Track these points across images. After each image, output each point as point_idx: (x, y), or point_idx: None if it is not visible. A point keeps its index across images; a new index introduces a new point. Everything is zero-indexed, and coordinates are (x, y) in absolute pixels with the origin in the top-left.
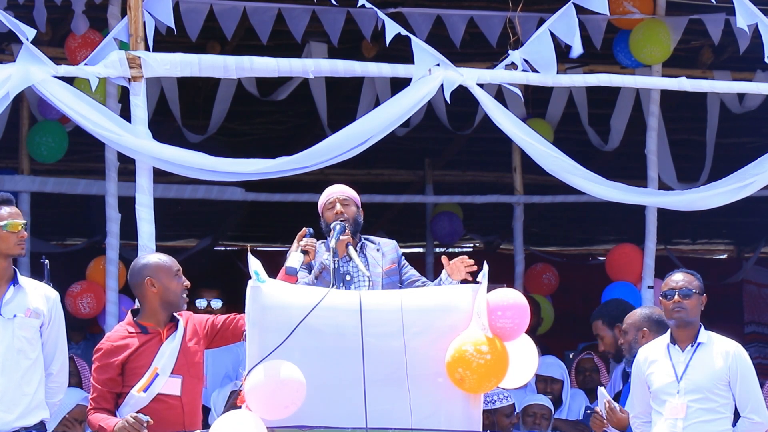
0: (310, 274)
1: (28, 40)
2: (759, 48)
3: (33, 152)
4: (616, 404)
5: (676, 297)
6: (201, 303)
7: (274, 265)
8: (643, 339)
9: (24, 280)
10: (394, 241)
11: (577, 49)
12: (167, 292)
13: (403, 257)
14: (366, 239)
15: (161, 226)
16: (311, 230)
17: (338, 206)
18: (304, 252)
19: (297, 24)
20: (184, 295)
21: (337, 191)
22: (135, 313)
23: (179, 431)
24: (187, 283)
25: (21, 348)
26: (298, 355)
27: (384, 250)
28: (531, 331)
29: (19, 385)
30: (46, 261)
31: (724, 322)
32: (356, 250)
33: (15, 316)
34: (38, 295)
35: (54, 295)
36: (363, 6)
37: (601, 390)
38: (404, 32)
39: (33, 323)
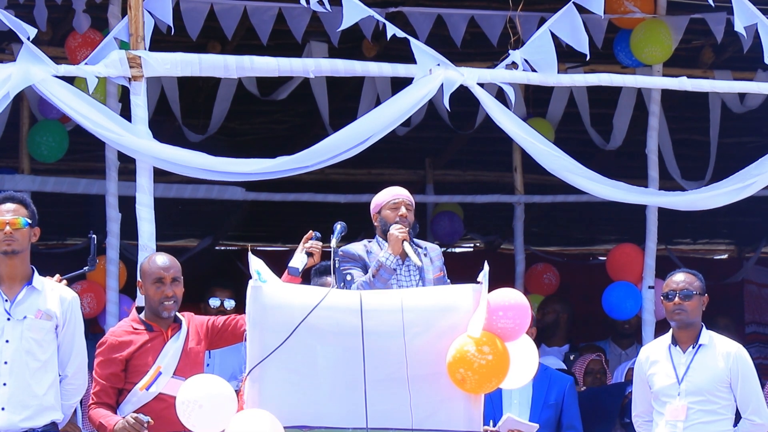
0: (365, 273)
1: (28, 39)
2: (760, 47)
3: (33, 152)
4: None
5: (677, 299)
6: (214, 302)
7: (274, 266)
8: None
9: (40, 281)
10: (438, 247)
11: (583, 50)
12: (146, 297)
13: (443, 263)
14: (413, 242)
15: (162, 226)
16: (318, 234)
17: (403, 209)
18: (309, 254)
19: (297, 23)
20: (166, 303)
21: (404, 194)
22: (140, 310)
23: (179, 431)
24: (171, 292)
25: (30, 349)
26: (298, 355)
27: (431, 256)
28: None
29: (28, 386)
30: (94, 236)
31: (730, 323)
32: (416, 254)
33: (25, 317)
34: (53, 297)
35: (71, 296)
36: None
37: (510, 416)
38: (402, 34)
39: (44, 325)
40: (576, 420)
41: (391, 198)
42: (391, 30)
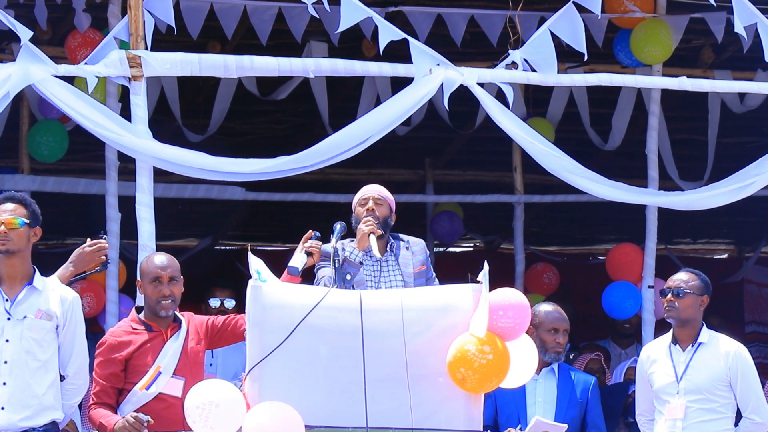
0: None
1: (27, 39)
2: (760, 47)
3: (33, 151)
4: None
5: (669, 296)
6: (214, 302)
7: (274, 266)
8: None
9: (42, 281)
10: (423, 242)
11: (581, 50)
12: (145, 296)
13: (429, 258)
14: (394, 236)
15: (161, 226)
16: (317, 233)
17: (371, 203)
18: (308, 253)
19: (297, 23)
20: (164, 302)
21: (373, 190)
22: (139, 310)
23: (179, 431)
24: (168, 291)
25: (29, 349)
26: (298, 355)
27: (414, 250)
28: None
29: (28, 385)
30: (104, 236)
31: (724, 322)
32: (387, 250)
33: (25, 317)
34: (54, 297)
35: (71, 297)
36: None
37: (538, 419)
38: (398, 37)
39: (44, 325)
40: (600, 419)
41: (361, 195)
42: (385, 38)
